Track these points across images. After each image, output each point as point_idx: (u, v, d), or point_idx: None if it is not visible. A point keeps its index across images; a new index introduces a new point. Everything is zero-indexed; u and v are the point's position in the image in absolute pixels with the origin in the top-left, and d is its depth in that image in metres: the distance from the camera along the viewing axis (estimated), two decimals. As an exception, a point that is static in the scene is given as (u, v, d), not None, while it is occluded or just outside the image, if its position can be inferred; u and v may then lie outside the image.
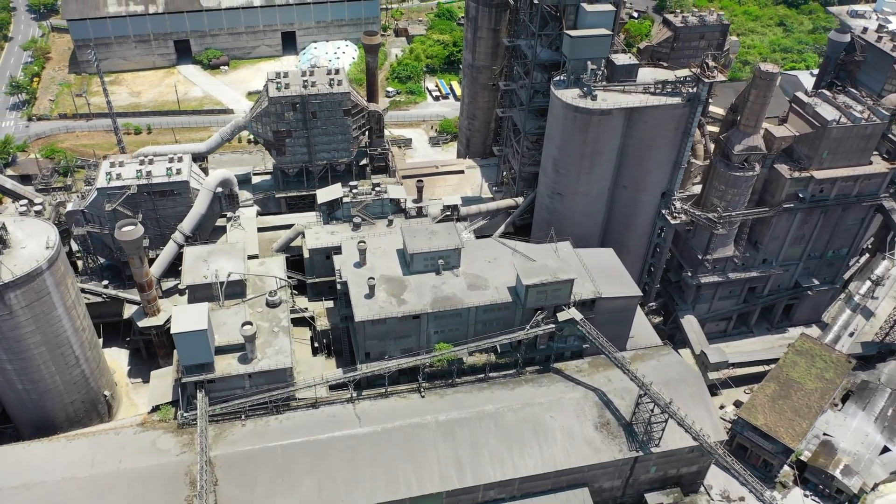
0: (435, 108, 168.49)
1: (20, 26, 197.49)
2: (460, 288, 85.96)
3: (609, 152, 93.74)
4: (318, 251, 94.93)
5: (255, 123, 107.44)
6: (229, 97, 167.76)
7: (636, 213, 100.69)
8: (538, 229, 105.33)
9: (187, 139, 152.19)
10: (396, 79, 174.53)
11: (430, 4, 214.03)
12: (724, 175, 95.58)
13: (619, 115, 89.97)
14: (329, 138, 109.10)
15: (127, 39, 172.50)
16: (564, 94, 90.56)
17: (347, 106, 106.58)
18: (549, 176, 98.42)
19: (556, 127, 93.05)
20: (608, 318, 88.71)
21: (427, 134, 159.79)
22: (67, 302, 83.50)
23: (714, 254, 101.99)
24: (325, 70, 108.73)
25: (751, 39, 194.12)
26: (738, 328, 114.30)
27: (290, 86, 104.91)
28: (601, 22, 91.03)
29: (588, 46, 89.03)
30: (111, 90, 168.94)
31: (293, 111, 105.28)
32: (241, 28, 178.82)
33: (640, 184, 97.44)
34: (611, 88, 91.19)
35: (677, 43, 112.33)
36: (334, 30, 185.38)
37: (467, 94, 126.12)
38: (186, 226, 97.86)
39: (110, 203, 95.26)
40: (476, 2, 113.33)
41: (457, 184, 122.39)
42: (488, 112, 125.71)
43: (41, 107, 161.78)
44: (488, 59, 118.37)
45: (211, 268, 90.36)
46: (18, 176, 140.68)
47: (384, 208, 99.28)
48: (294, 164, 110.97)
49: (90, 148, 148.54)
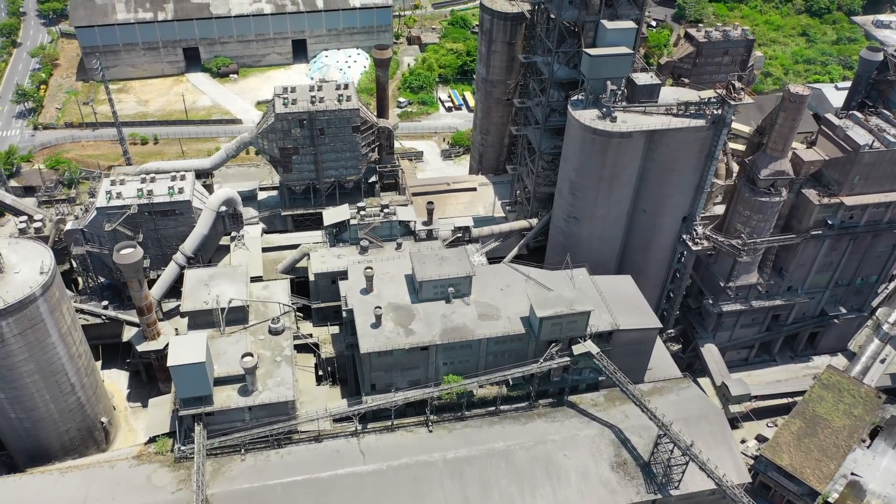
0: (447, 119, 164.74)
1: (29, 31, 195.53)
2: (471, 317, 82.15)
3: (628, 175, 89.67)
4: (324, 276, 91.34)
5: (260, 139, 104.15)
6: (238, 107, 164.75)
7: (655, 238, 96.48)
8: (553, 253, 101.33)
9: (194, 150, 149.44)
10: (408, 88, 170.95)
11: (443, 12, 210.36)
12: (748, 200, 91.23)
13: (640, 137, 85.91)
14: (337, 155, 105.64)
15: (135, 47, 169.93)
16: (582, 114, 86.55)
17: (356, 122, 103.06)
18: (564, 199, 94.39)
19: (574, 149, 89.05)
20: (626, 349, 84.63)
21: (439, 146, 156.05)
22: (62, 328, 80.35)
23: (737, 281, 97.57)
24: (333, 85, 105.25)
25: (772, 50, 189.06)
26: (760, 356, 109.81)
27: (298, 101, 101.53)
28: (622, 40, 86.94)
29: (608, 66, 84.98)
30: (119, 98, 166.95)
31: (300, 128, 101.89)
32: (250, 36, 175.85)
33: (660, 207, 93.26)
34: (631, 109, 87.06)
35: (700, 59, 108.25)
36: (346, 38, 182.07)
37: (481, 108, 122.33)
38: (188, 247, 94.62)
39: (110, 223, 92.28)
40: (491, 14, 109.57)
41: (469, 202, 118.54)
42: (502, 127, 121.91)
43: (48, 115, 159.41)
44: (503, 74, 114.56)
45: (212, 293, 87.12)
46: (22, 188, 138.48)
47: (393, 231, 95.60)
48: (301, 182, 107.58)
49: (96, 158, 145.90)
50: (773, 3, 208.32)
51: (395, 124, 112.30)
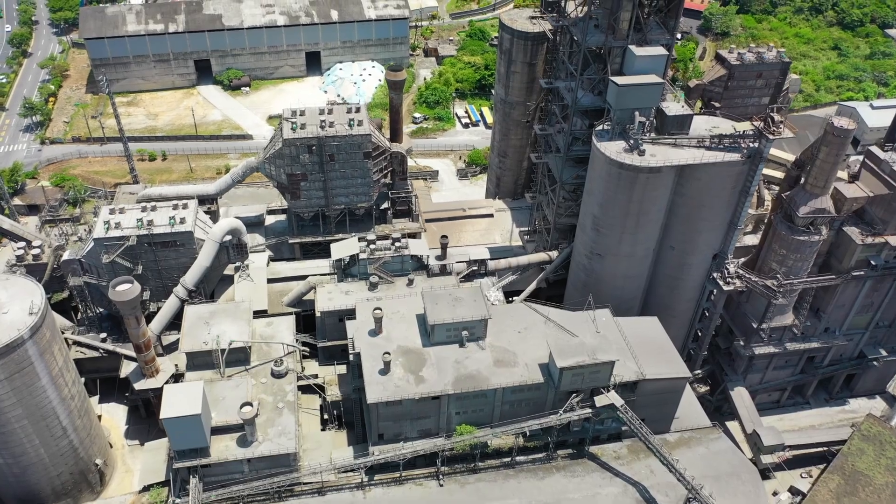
0: (464, 136, 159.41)
1: (41, 41, 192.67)
2: (486, 364, 76.87)
3: (656, 212, 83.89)
4: (331, 314, 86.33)
5: (267, 165, 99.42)
6: (249, 121, 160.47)
7: (683, 276, 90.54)
8: (573, 289, 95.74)
9: (203, 167, 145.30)
10: (424, 103, 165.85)
11: (461, 22, 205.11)
12: (785, 239, 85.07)
13: (670, 172, 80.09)
14: (347, 182, 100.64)
15: (146, 59, 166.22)
16: (608, 147, 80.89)
17: (368, 148, 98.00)
18: (587, 234, 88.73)
19: (598, 183, 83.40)
20: (652, 399, 79.06)
21: (455, 165, 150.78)
22: (53, 370, 75.94)
23: (771, 322, 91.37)
24: (344, 108, 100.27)
25: (803, 65, 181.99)
26: (792, 397, 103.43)
27: (307, 126, 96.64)
28: (651, 67, 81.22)
29: (636, 96, 79.26)
30: (128, 112, 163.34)
31: (309, 153, 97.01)
32: (263, 48, 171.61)
33: (689, 244, 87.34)
34: (660, 141, 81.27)
35: (732, 82, 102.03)
36: (360, 50, 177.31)
37: (499, 130, 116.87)
38: (189, 279, 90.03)
39: (108, 255, 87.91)
40: (510, 34, 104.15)
41: (485, 229, 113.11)
42: (521, 150, 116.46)
43: (55, 129, 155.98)
44: (522, 95, 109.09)
45: (212, 332, 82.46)
46: (26, 206, 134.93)
47: (404, 265, 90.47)
48: (309, 209, 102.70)
49: (102, 175, 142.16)
50: (804, 15, 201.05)
51: (409, 148, 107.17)
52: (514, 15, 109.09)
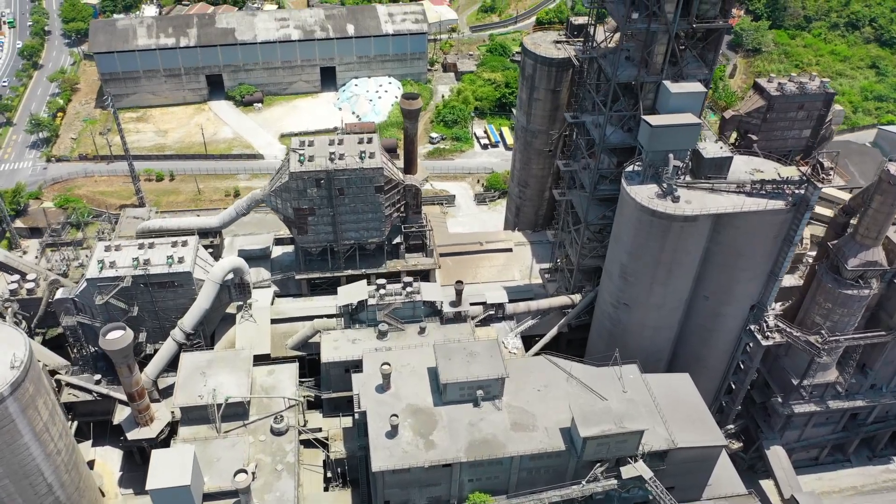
0: (482, 157, 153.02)
1: (52, 53, 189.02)
2: (502, 427, 70.70)
3: (690, 261, 77.15)
4: (336, 365, 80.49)
5: (273, 198, 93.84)
6: (261, 139, 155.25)
7: (718, 327, 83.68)
8: (598, 338, 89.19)
9: (211, 188, 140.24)
10: (442, 122, 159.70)
11: (481, 36, 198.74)
12: (831, 292, 77.97)
13: (707, 220, 73.30)
14: (358, 216, 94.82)
15: (156, 73, 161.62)
16: (639, 191, 74.30)
17: (380, 182, 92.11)
18: (614, 282, 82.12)
19: (627, 229, 76.79)
20: (684, 468, 72.30)
21: (473, 189, 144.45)
22: (37, 426, 70.43)
23: (812, 379, 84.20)
24: (355, 138, 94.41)
25: (839, 84, 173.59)
26: (832, 454, 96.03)
27: (315, 157, 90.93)
28: (688, 105, 74.50)
29: (671, 138, 72.63)
30: (137, 128, 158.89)
31: (317, 187, 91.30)
32: (276, 63, 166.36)
33: (725, 295, 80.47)
34: (696, 186, 74.53)
35: (771, 113, 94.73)
36: (377, 66, 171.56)
37: (519, 159, 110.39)
38: (188, 322, 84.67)
39: (101, 296, 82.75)
40: (533, 59, 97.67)
41: (503, 265, 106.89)
42: (542, 180, 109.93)
43: (62, 146, 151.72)
44: (545, 123, 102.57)
45: (209, 383, 77.21)
46: (28, 228, 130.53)
47: (416, 311, 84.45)
48: (317, 244, 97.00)
49: (108, 196, 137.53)
50: (839, 31, 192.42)
51: (424, 179, 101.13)
52: (538, 38, 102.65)
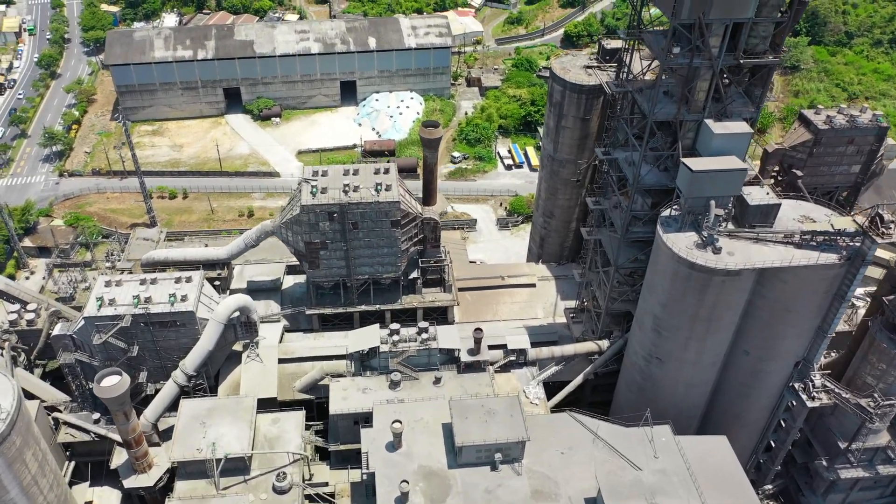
0: (506, 178, 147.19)
1: (70, 61, 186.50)
2: (522, 494, 65.10)
3: (731, 317, 70.76)
4: (345, 417, 75.17)
5: (284, 230, 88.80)
6: (277, 156, 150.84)
7: (758, 384, 77.08)
8: (627, 390, 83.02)
9: (224, 207, 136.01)
10: (464, 140, 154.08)
11: (507, 49, 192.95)
12: (886, 353, 71.08)
13: (751, 274, 66.90)
14: (372, 251, 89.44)
15: (173, 86, 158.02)
16: (676, 239, 68.03)
17: (396, 217, 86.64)
18: (646, 334, 75.88)
19: (662, 280, 70.57)
20: (719, 545, 65.92)
21: (495, 212, 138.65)
22: (25, 480, 66.00)
23: (862, 443, 77.20)
24: (371, 168, 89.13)
25: (882, 105, 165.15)
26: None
27: (328, 189, 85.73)
28: (732, 147, 68.18)
29: (713, 183, 66.30)
30: (152, 142, 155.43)
31: (330, 221, 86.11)
32: (296, 76, 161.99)
33: (767, 351, 73.87)
34: (739, 235, 68.15)
35: (818, 148, 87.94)
36: (398, 80, 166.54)
37: (545, 188, 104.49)
38: (190, 364, 79.86)
39: (99, 335, 78.32)
40: (562, 85, 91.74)
41: (526, 301, 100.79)
42: (569, 211, 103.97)
43: (75, 160, 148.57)
44: (573, 152, 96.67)
45: (208, 435, 72.38)
46: (36, 247, 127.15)
47: (432, 359, 78.90)
48: (329, 279, 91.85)
49: (119, 214, 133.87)
50: (883, 48, 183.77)
51: (444, 211, 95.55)
52: (567, 63, 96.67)
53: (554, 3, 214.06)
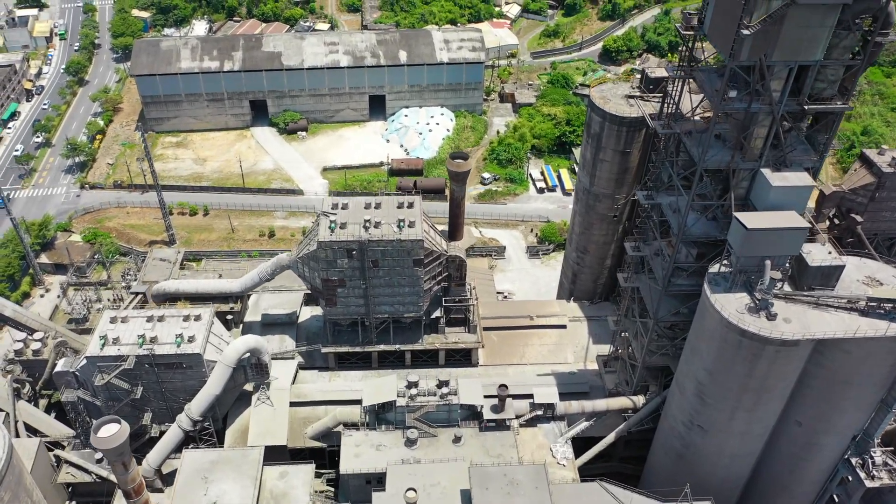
0: (538, 202, 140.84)
1: (99, 68, 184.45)
2: (546, 578, 58.96)
3: (784, 388, 63.95)
4: (356, 476, 69.79)
5: (300, 265, 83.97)
6: (301, 172, 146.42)
7: (809, 457, 70.06)
8: (663, 455, 76.39)
9: (245, 226, 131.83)
10: (495, 160, 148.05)
11: (542, 63, 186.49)
12: (960, 432, 63.62)
13: (809, 343, 60.05)
14: (393, 290, 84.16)
15: (199, 97, 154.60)
16: (725, 301, 61.45)
17: (419, 255, 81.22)
18: (688, 400, 69.28)
19: (708, 345, 63.99)
20: None
21: (525, 239, 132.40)
22: (12, 537, 62.00)
23: (925, 527, 69.76)
24: (394, 201, 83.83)
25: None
26: None
27: (348, 225, 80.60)
28: (791, 201, 61.42)
29: (769, 242, 59.65)
30: (176, 154, 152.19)
31: (348, 258, 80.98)
32: (324, 90, 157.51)
33: (822, 424, 66.88)
34: (798, 299, 61.34)
35: (881, 192, 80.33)
36: (429, 95, 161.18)
37: (579, 222, 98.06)
38: (195, 409, 75.29)
39: (102, 376, 74.09)
40: (601, 116, 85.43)
41: (555, 344, 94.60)
42: (604, 247, 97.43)
43: (97, 172, 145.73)
44: (611, 187, 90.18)
45: (210, 492, 67.76)
46: (52, 264, 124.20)
47: (452, 414, 73.21)
48: (347, 317, 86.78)
49: (138, 230, 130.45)
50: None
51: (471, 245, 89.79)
52: (607, 91, 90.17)
53: (592, 16, 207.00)
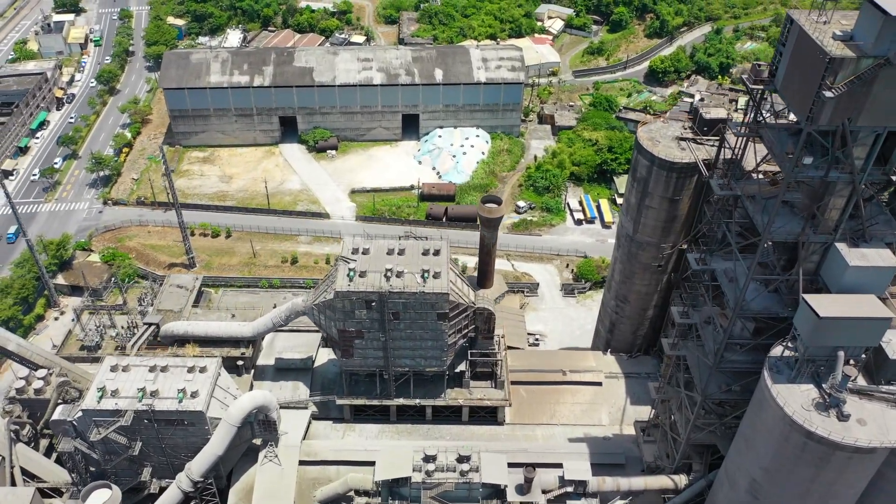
0: (575, 234, 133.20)
1: (131, 77, 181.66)
2: None
3: (853, 495, 55.80)
4: (365, 561, 63.59)
5: (316, 313, 77.91)
6: (329, 194, 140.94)
7: (878, 564, 61.50)
8: (707, 547, 68.59)
9: (267, 251, 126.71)
10: (531, 187, 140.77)
11: (585, 83, 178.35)
12: None
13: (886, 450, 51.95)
14: (414, 343, 77.66)
15: (227, 112, 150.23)
16: (788, 394, 53.65)
17: (444, 309, 74.56)
18: (739, 496, 61.42)
19: (766, 441, 56.20)
20: None
21: (560, 274, 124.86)
22: None
23: None
24: (419, 249, 77.33)
25: None
26: None
27: (368, 273, 74.33)
28: (870, 282, 53.40)
29: (844, 333, 51.69)
30: (202, 170, 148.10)
31: (367, 309, 74.73)
32: (356, 107, 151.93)
33: (895, 529, 58.43)
34: (874, 395, 53.24)
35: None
36: (465, 115, 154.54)
37: (620, 270, 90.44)
38: (196, 469, 69.91)
39: (98, 430, 69.01)
40: (649, 160, 77.88)
41: (589, 403, 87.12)
42: (646, 298, 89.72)
43: (121, 187, 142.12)
44: (656, 235, 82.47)
45: (205, 570, 61.53)
46: (69, 286, 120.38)
47: (472, 493, 66.44)
48: (364, 369, 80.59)
49: (158, 252, 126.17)
50: None
51: (501, 294, 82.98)
52: (656, 132, 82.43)
53: (639, 33, 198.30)
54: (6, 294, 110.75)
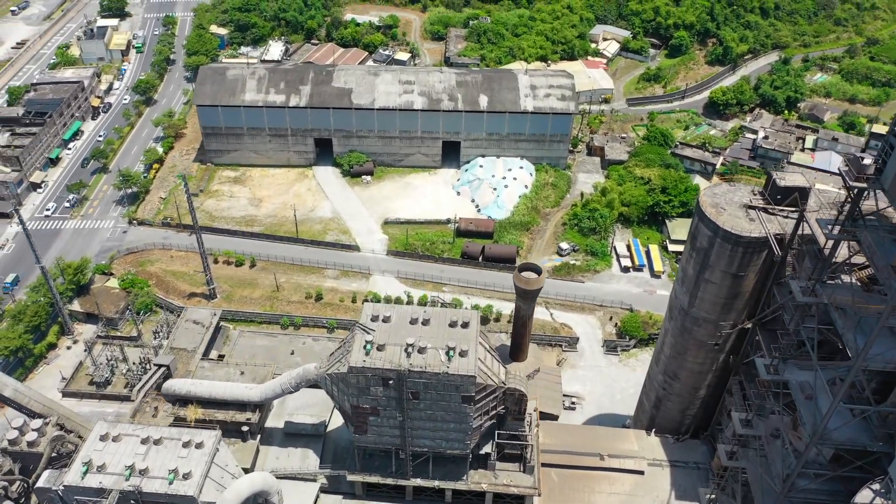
0: (620, 283, 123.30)
1: (169, 87, 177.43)
2: None
3: None
4: None
5: (329, 383, 70.42)
6: (361, 223, 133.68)
7: None
8: None
9: (291, 285, 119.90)
10: (576, 227, 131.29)
11: (639, 112, 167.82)
12: None
13: None
14: (435, 424, 69.61)
15: (261, 132, 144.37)
16: (879, 559, 43.89)
17: (469, 392, 66.30)
18: None
19: None
20: None
21: (602, 328, 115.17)
22: None
23: None
24: (446, 320, 69.13)
25: None
26: None
27: (387, 347, 66.49)
28: None
29: (959, 498, 41.69)
30: (232, 191, 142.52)
31: (384, 387, 66.89)
32: (394, 132, 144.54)
33: None
34: None
35: None
36: (508, 145, 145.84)
37: (671, 343, 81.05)
38: (184, 559, 62.72)
39: (80, 509, 62.51)
40: (712, 230, 68.70)
41: (628, 494, 77.88)
42: (698, 377, 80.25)
43: (148, 206, 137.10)
44: (715, 312, 73.10)
45: None
46: (84, 313, 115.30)
47: None
48: (379, 446, 72.77)
49: (178, 280, 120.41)
50: None
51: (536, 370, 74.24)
52: (722, 196, 72.93)
53: (699, 59, 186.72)
54: (18, 321, 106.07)
